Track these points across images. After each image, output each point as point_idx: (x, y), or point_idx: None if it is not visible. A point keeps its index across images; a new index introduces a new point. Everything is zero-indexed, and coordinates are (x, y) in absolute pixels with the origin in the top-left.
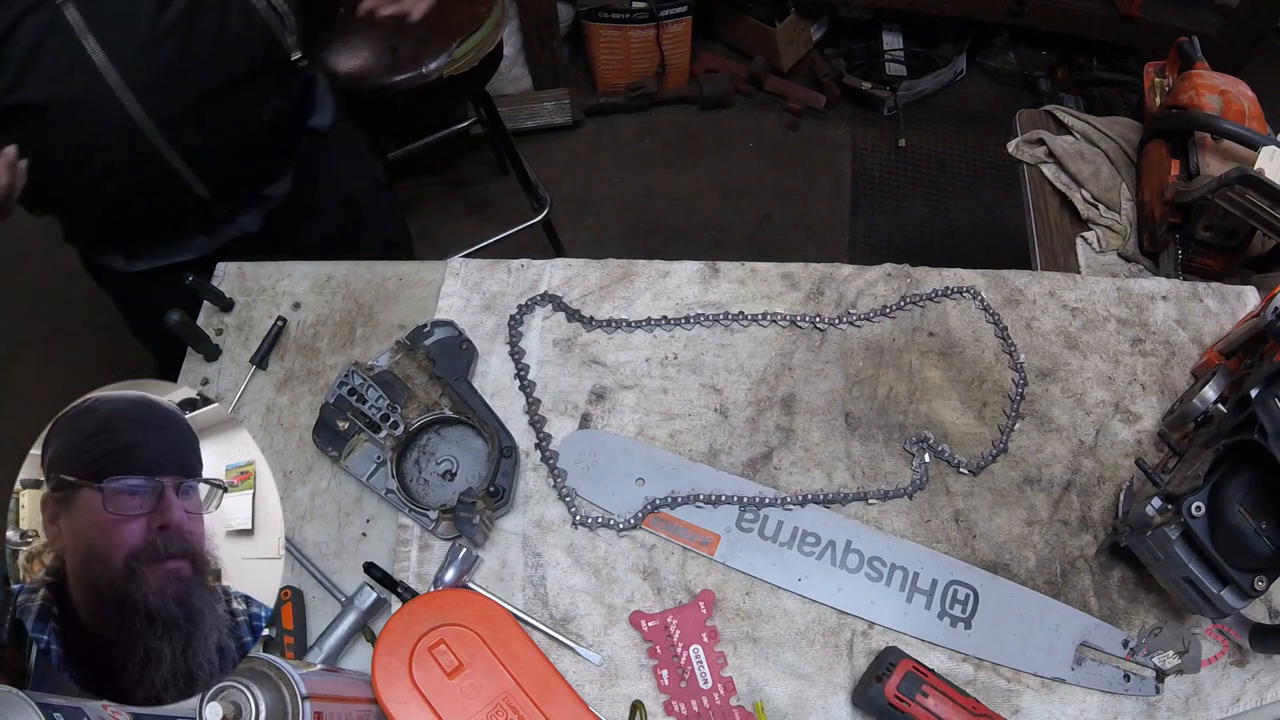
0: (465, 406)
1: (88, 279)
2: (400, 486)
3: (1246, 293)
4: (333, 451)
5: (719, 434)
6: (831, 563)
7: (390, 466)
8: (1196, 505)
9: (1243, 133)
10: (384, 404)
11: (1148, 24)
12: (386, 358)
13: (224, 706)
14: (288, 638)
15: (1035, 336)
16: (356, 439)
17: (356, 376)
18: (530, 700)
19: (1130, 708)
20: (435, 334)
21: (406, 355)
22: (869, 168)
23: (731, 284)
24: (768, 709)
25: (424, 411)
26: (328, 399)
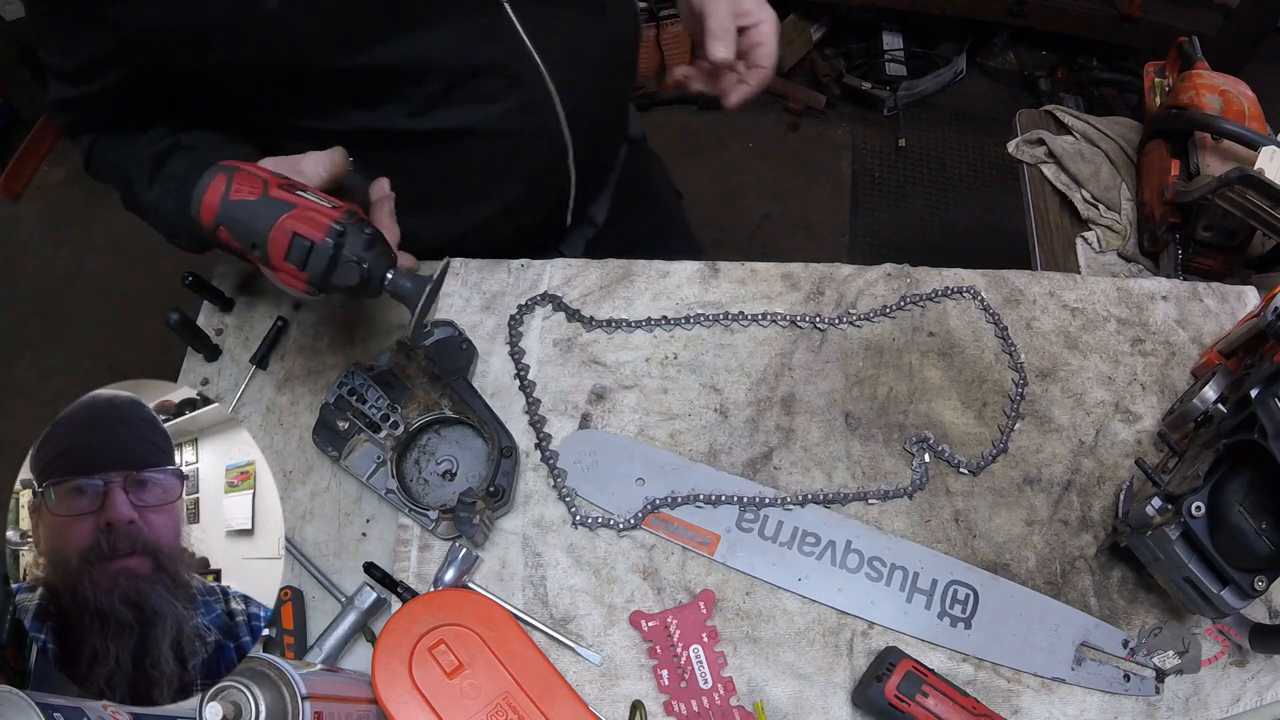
0: (465, 406)
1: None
2: (400, 486)
3: (1246, 293)
4: (333, 451)
5: (719, 434)
6: (831, 563)
7: (390, 466)
8: (1196, 505)
9: (1243, 133)
10: (384, 404)
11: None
12: (386, 357)
13: (224, 706)
14: (288, 638)
15: (1035, 336)
16: (357, 439)
17: (357, 376)
18: (530, 700)
19: (1130, 708)
20: (435, 334)
21: (406, 355)
22: (869, 168)
23: (731, 284)
24: (768, 709)
25: (424, 411)
26: (328, 399)
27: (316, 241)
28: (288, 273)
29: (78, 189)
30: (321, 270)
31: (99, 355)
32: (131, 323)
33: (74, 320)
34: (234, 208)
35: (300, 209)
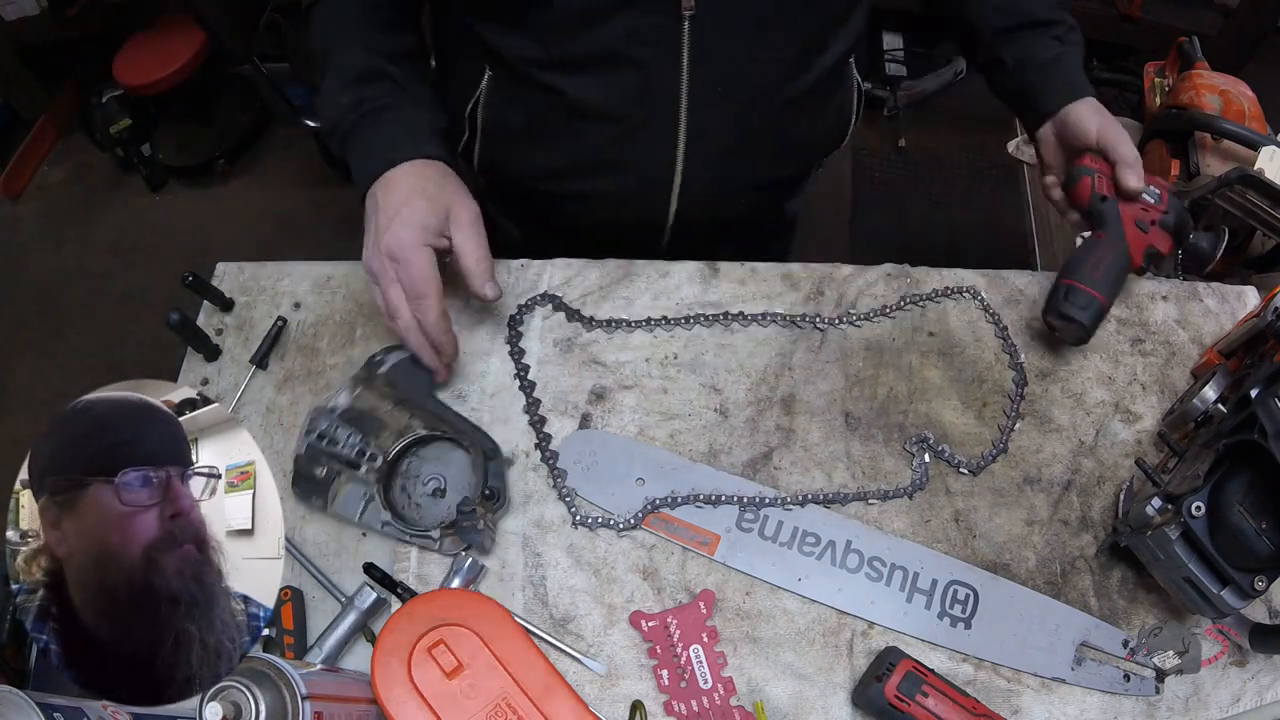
0: (438, 421)
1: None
2: (394, 516)
3: (1246, 293)
4: (317, 501)
5: (719, 434)
6: (831, 563)
7: (379, 499)
8: (1196, 505)
9: (1243, 133)
10: (356, 440)
11: (1148, 24)
12: (346, 395)
13: (224, 706)
14: (287, 638)
15: (1035, 336)
16: (338, 482)
17: (321, 421)
18: (530, 700)
19: (1130, 708)
20: (388, 360)
21: (365, 387)
22: (869, 168)
23: (731, 284)
24: (768, 709)
25: (398, 437)
26: (298, 451)
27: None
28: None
29: (78, 189)
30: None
31: (99, 355)
32: (131, 323)
33: (74, 320)
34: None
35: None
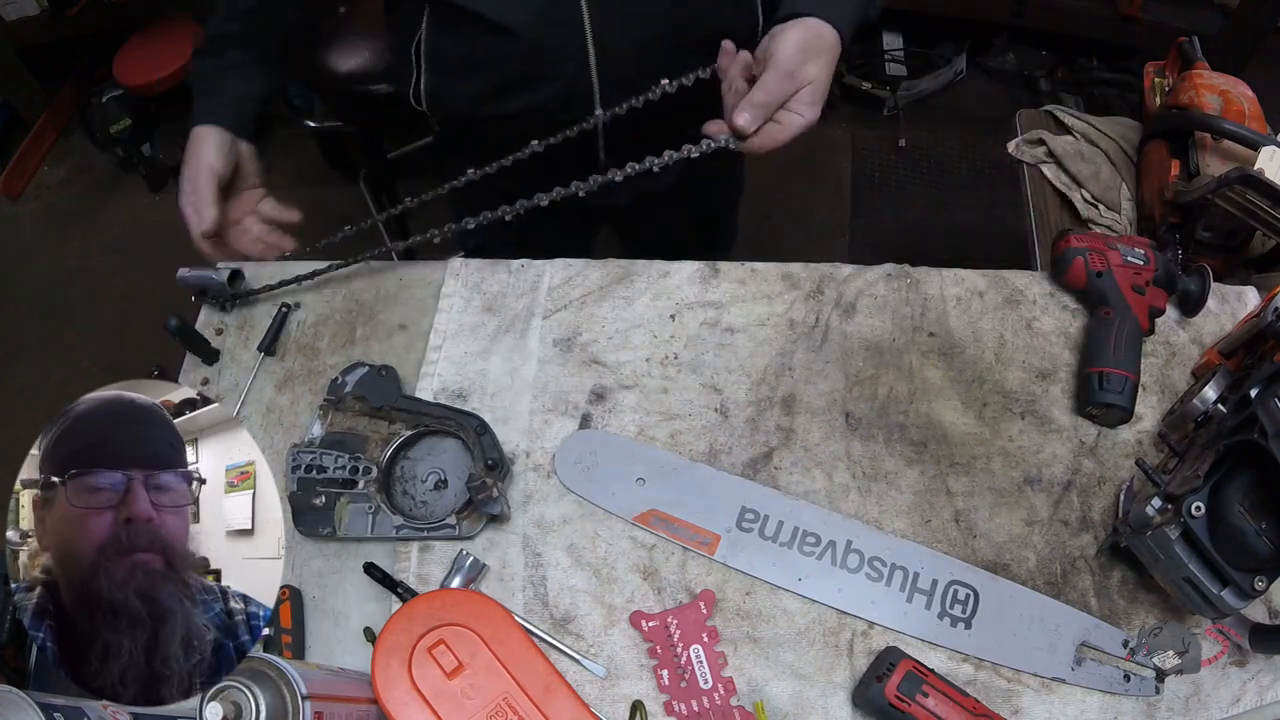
0: (419, 417)
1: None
2: (406, 519)
3: (1246, 293)
4: (324, 530)
5: (719, 434)
6: (831, 563)
7: (386, 508)
8: (1196, 505)
9: (1243, 133)
10: (345, 460)
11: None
12: (319, 425)
13: (224, 706)
14: (286, 637)
15: (1035, 336)
16: (339, 505)
17: (304, 455)
18: (530, 700)
19: (1130, 708)
20: (349, 380)
21: (336, 410)
22: (869, 168)
23: (731, 284)
24: (768, 709)
25: (385, 444)
26: (290, 489)
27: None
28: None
29: (77, 189)
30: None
31: (99, 355)
32: (131, 323)
33: (74, 320)
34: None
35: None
